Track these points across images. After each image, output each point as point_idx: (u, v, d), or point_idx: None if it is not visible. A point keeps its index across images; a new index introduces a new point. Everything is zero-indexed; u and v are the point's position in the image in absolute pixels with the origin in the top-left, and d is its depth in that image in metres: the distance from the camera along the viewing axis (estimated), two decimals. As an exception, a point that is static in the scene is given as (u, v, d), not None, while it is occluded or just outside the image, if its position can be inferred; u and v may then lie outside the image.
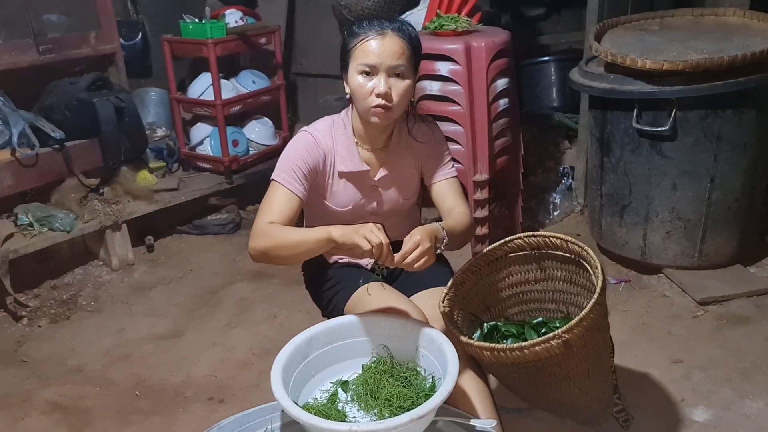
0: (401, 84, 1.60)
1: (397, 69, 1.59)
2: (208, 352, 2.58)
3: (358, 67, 1.59)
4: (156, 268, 3.29)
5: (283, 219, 1.59)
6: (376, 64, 1.58)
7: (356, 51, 1.59)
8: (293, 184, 1.63)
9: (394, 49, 1.58)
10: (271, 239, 1.55)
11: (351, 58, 1.61)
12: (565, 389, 1.67)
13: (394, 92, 1.59)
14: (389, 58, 1.58)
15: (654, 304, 2.66)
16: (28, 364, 2.57)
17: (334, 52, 4.17)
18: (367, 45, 1.58)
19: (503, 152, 2.85)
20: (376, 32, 1.58)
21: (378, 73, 1.58)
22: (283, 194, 1.62)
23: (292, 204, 1.62)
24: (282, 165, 1.66)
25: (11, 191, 3.01)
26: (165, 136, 3.82)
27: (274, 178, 1.65)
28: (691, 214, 2.65)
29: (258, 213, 1.62)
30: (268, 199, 1.63)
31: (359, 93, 1.60)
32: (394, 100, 1.60)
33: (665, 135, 2.55)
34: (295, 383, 1.46)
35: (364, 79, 1.59)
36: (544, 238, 1.73)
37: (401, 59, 1.59)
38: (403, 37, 1.60)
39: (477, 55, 2.58)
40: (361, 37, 1.59)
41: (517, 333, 1.71)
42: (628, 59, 2.44)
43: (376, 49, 1.57)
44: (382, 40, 1.57)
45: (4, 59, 2.95)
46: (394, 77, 1.59)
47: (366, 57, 1.58)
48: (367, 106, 1.61)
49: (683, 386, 2.18)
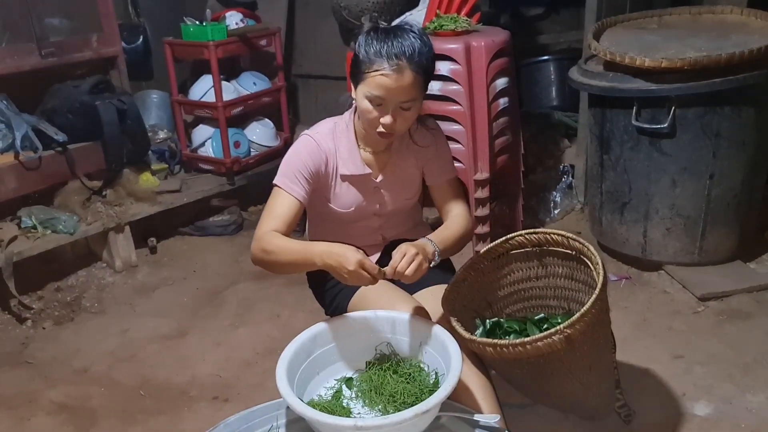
0: (409, 113, 1.61)
1: (407, 104, 1.58)
2: (213, 352, 2.60)
3: (368, 95, 1.57)
4: (159, 269, 3.31)
5: (284, 224, 1.62)
6: (387, 99, 1.56)
7: (368, 78, 1.55)
8: (294, 189, 1.65)
9: (407, 86, 1.55)
10: (267, 249, 1.58)
11: (362, 80, 1.57)
12: (568, 385, 1.69)
13: (400, 122, 1.60)
14: (401, 95, 1.56)
15: (655, 300, 2.67)
16: (33, 366, 2.59)
17: (335, 53, 4.21)
18: (380, 79, 1.53)
19: (503, 151, 2.87)
20: (391, 67, 1.52)
21: (387, 105, 1.57)
22: (285, 199, 1.65)
23: (293, 209, 1.65)
24: (284, 169, 1.68)
25: (15, 194, 3.03)
26: (167, 138, 3.83)
27: (276, 183, 1.67)
28: (690, 211, 2.67)
29: (261, 218, 1.66)
30: (270, 204, 1.66)
31: (366, 116, 1.60)
32: (399, 128, 1.62)
33: (664, 132, 2.56)
34: (299, 380, 1.47)
35: (372, 106, 1.58)
36: (545, 235, 1.74)
37: (413, 93, 1.57)
38: (418, 70, 1.55)
39: (477, 55, 2.60)
40: (375, 67, 1.53)
41: (519, 329, 1.73)
42: (627, 57, 2.45)
43: (389, 85, 1.53)
44: (397, 77, 1.53)
45: (6, 63, 2.97)
46: (402, 110, 1.59)
47: (377, 90, 1.55)
48: (371, 129, 1.63)
49: (684, 381, 2.19)
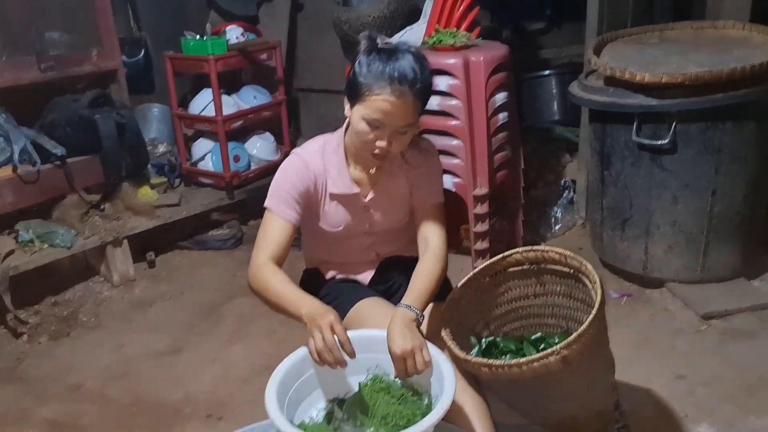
0: (405, 137, 1.59)
1: (404, 128, 1.57)
2: (208, 369, 2.57)
3: (366, 117, 1.54)
4: (157, 283, 3.29)
5: (279, 249, 1.63)
6: (386, 123, 1.54)
7: (367, 100, 1.53)
8: (286, 212, 1.64)
9: (407, 111, 1.53)
10: (263, 287, 1.60)
11: (360, 101, 1.55)
12: (565, 406, 1.66)
13: (395, 145, 1.59)
14: (400, 120, 1.54)
15: (656, 318, 2.64)
16: (26, 382, 2.56)
17: (336, 67, 4.21)
18: (381, 103, 1.51)
19: (503, 166, 2.85)
20: (392, 92, 1.50)
21: (384, 129, 1.55)
22: (277, 223, 1.64)
23: (287, 232, 1.64)
24: (273, 192, 1.67)
25: (12, 208, 3.01)
26: (166, 152, 3.82)
27: (267, 206, 1.67)
28: (692, 228, 2.64)
29: (255, 244, 1.65)
30: (263, 229, 1.65)
31: (362, 137, 1.58)
32: (393, 150, 1.60)
33: (665, 148, 2.54)
34: (290, 402, 1.45)
35: (369, 129, 1.56)
36: (542, 252, 1.72)
37: (411, 118, 1.56)
38: (418, 96, 1.54)
39: (475, 70, 2.59)
40: (376, 90, 1.51)
41: (515, 349, 1.70)
42: (627, 73, 2.43)
43: (389, 109, 1.52)
44: (398, 102, 1.51)
45: (6, 77, 2.97)
46: (399, 134, 1.58)
47: (376, 113, 1.53)
48: (365, 150, 1.61)
49: (686, 402, 2.15)
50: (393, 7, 3.52)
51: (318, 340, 1.42)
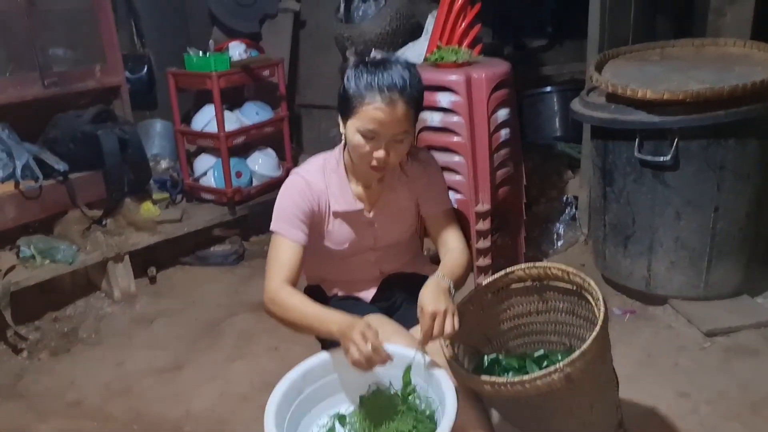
0: (401, 146, 1.59)
1: (399, 136, 1.56)
2: (208, 386, 2.55)
3: (360, 129, 1.55)
4: (158, 299, 3.28)
5: (291, 272, 1.61)
6: (380, 133, 1.54)
7: (359, 112, 1.53)
8: (293, 233, 1.63)
9: (400, 118, 1.53)
10: (284, 308, 1.57)
11: (352, 114, 1.55)
12: (568, 424, 1.64)
13: (393, 155, 1.58)
14: (394, 128, 1.54)
15: (660, 335, 2.62)
16: (26, 398, 2.54)
17: (338, 83, 4.22)
18: (373, 112, 1.52)
19: (505, 182, 2.84)
20: (383, 99, 1.50)
21: (379, 139, 1.55)
22: (286, 245, 1.63)
23: (297, 253, 1.63)
24: (279, 214, 1.66)
25: (14, 223, 3.02)
26: (169, 168, 3.83)
27: (273, 230, 1.65)
28: (695, 244, 2.63)
29: (267, 269, 1.64)
30: (274, 253, 1.64)
31: (358, 150, 1.58)
32: (392, 161, 1.60)
33: (667, 165, 2.53)
34: (291, 420, 1.44)
35: (364, 141, 1.56)
36: (544, 269, 1.71)
37: (405, 125, 1.56)
38: (410, 102, 1.54)
39: (477, 87, 2.59)
40: (366, 100, 1.52)
41: (518, 366, 1.69)
42: (629, 89, 2.44)
43: (382, 118, 1.52)
44: (389, 110, 1.51)
45: (9, 93, 2.98)
46: (395, 142, 1.58)
47: (370, 123, 1.53)
48: (364, 163, 1.61)
49: (690, 421, 2.13)
50: (395, 24, 3.54)
51: (354, 353, 1.41)
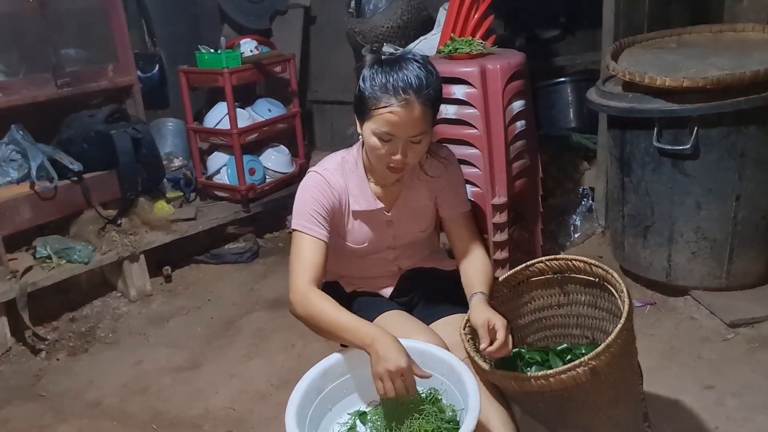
0: (419, 146, 1.57)
1: (417, 138, 1.54)
2: (226, 384, 2.55)
3: (376, 131, 1.52)
4: (174, 298, 3.28)
5: (317, 270, 1.57)
6: (397, 135, 1.52)
7: (375, 114, 1.51)
8: (315, 230, 1.60)
9: (417, 120, 1.50)
10: (312, 315, 1.53)
11: (369, 117, 1.53)
12: (593, 418, 1.61)
13: (410, 156, 1.56)
14: (411, 130, 1.51)
15: (682, 327, 2.58)
16: (45, 399, 2.55)
17: (349, 79, 4.20)
18: (389, 116, 1.49)
19: (521, 174, 2.81)
20: (399, 102, 1.48)
21: (396, 141, 1.53)
22: (310, 243, 1.59)
23: (320, 251, 1.59)
24: (299, 212, 1.62)
25: (30, 224, 3.02)
26: (182, 166, 3.83)
27: (295, 228, 1.62)
28: (717, 234, 2.59)
29: (291, 268, 1.59)
30: (297, 252, 1.60)
31: (375, 152, 1.56)
32: (410, 162, 1.58)
33: (687, 153, 2.49)
34: (312, 419, 1.42)
35: (381, 143, 1.54)
36: (566, 261, 1.68)
37: (422, 126, 1.53)
38: (426, 103, 1.51)
39: (492, 78, 2.56)
40: (383, 103, 1.49)
41: (541, 360, 1.67)
42: (647, 78, 2.40)
43: (398, 121, 1.49)
44: (406, 112, 1.48)
45: (22, 94, 2.98)
46: (412, 143, 1.55)
47: (386, 126, 1.50)
48: (382, 165, 1.58)
49: (716, 413, 2.09)
50: (406, 17, 3.51)
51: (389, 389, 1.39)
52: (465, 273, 1.67)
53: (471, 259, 1.69)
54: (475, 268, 1.66)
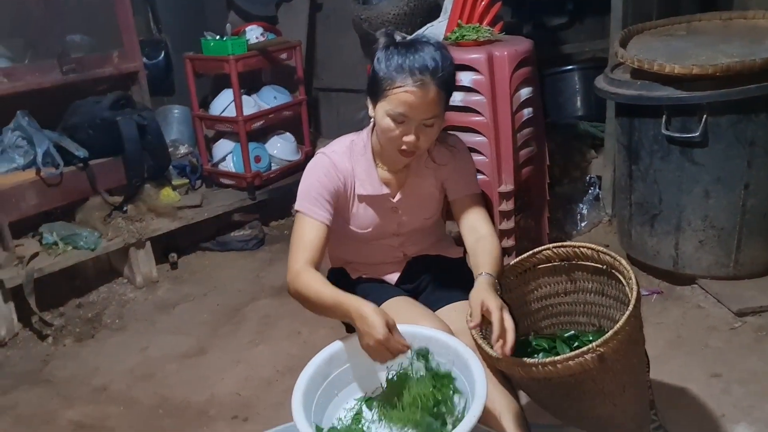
0: (431, 130, 1.56)
1: (430, 120, 1.53)
2: (232, 370, 2.56)
3: (390, 112, 1.51)
4: (180, 285, 3.29)
5: (315, 252, 1.57)
6: (410, 117, 1.51)
7: (390, 95, 1.50)
8: (318, 213, 1.60)
9: (431, 102, 1.50)
10: (302, 293, 1.53)
11: (382, 97, 1.52)
12: (600, 405, 1.61)
13: (422, 139, 1.55)
14: (425, 112, 1.51)
15: (689, 316, 2.57)
16: (52, 384, 2.56)
17: (355, 66, 4.18)
18: (404, 96, 1.48)
19: (528, 162, 2.80)
20: (414, 82, 1.47)
21: (410, 123, 1.52)
22: (310, 225, 1.59)
23: (321, 233, 1.59)
24: (303, 193, 1.63)
25: (36, 210, 3.03)
26: (188, 153, 3.83)
27: (298, 209, 1.62)
28: (725, 222, 2.57)
29: (291, 249, 1.60)
30: (297, 232, 1.60)
31: (387, 134, 1.55)
32: (421, 145, 1.57)
33: (696, 141, 2.48)
34: (318, 404, 1.42)
35: (394, 125, 1.53)
36: (573, 248, 1.67)
37: (436, 109, 1.52)
38: (441, 85, 1.50)
39: (500, 65, 2.54)
40: (398, 83, 1.48)
41: (548, 347, 1.66)
42: (656, 65, 2.38)
43: (412, 102, 1.48)
44: (421, 93, 1.48)
45: (28, 80, 2.98)
46: (425, 126, 1.54)
47: (400, 107, 1.49)
48: (392, 148, 1.57)
49: (723, 401, 2.09)
50: (413, 4, 3.48)
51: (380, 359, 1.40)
52: (473, 254, 1.65)
53: (479, 240, 1.67)
54: (483, 249, 1.63)
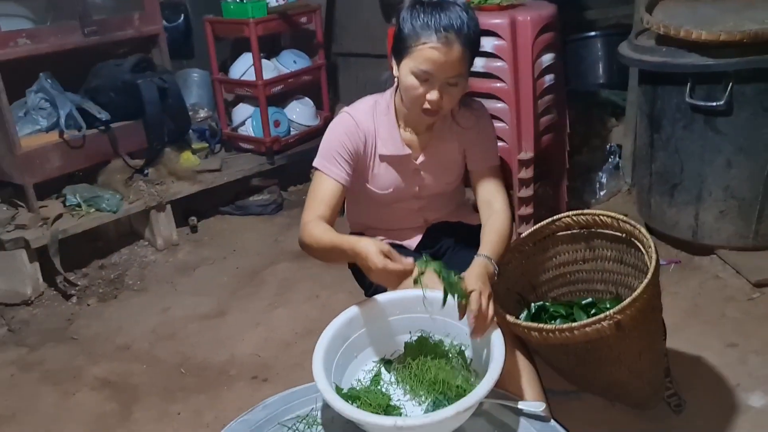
0: (455, 90, 1.56)
1: (454, 79, 1.53)
2: (252, 332, 2.60)
3: (414, 70, 1.51)
4: (200, 248, 3.33)
5: (327, 209, 1.59)
6: (435, 74, 1.51)
7: (415, 52, 1.50)
8: (335, 171, 1.61)
9: (456, 60, 1.50)
10: (306, 241, 1.57)
11: (407, 54, 1.52)
12: (615, 372, 1.63)
13: (446, 99, 1.55)
14: (449, 70, 1.50)
15: (706, 285, 2.57)
16: (78, 342, 2.63)
17: (375, 31, 4.13)
18: (428, 52, 1.48)
19: (548, 130, 2.78)
20: (439, 39, 1.47)
21: (434, 81, 1.52)
22: (326, 183, 1.61)
23: (336, 192, 1.61)
24: (323, 151, 1.64)
25: (59, 172, 3.07)
26: (207, 117, 3.84)
27: (316, 166, 1.64)
28: (746, 193, 2.55)
29: (305, 204, 1.63)
30: (312, 189, 1.63)
31: (410, 93, 1.55)
32: (445, 105, 1.56)
33: (720, 110, 2.44)
34: (337, 366, 1.44)
35: (418, 82, 1.53)
36: (593, 216, 1.68)
37: (460, 68, 1.52)
38: (466, 44, 1.50)
39: (522, 30, 2.50)
40: (422, 40, 1.48)
41: (565, 314, 1.67)
42: (683, 31, 2.33)
43: (437, 59, 1.48)
44: (446, 50, 1.48)
45: (51, 41, 2.99)
46: (449, 85, 1.54)
47: (424, 64, 1.49)
48: (416, 106, 1.57)
49: (738, 371, 2.10)
50: (435, -33, 3.42)
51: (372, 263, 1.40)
52: (483, 230, 1.65)
53: (491, 215, 1.67)
54: (491, 227, 1.63)
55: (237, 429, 1.41)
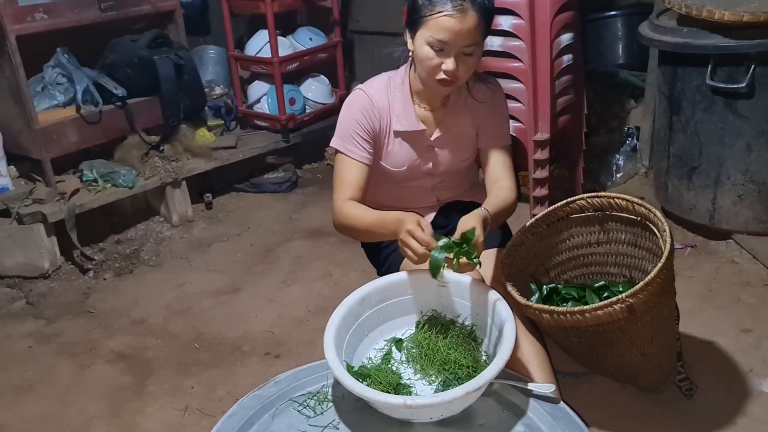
0: (471, 60, 1.55)
1: (469, 48, 1.52)
2: (265, 309, 2.62)
3: (429, 39, 1.51)
4: (214, 224, 3.35)
5: (357, 190, 1.63)
6: (450, 43, 1.50)
7: (429, 21, 1.50)
8: (357, 153, 1.64)
9: (471, 28, 1.49)
10: (346, 223, 1.62)
11: (422, 25, 1.52)
12: (627, 355, 1.63)
13: (461, 69, 1.54)
14: (464, 38, 1.50)
15: (722, 270, 2.55)
16: (94, 315, 2.66)
17: (391, 9, 4.08)
18: (443, 21, 1.48)
19: (565, 111, 2.75)
20: (455, 7, 1.47)
21: (449, 50, 1.51)
22: (351, 166, 1.64)
23: (362, 172, 1.65)
24: (340, 132, 1.66)
25: (76, 147, 3.09)
26: (223, 94, 3.84)
27: (337, 148, 1.66)
28: (766, 177, 2.51)
29: (333, 188, 1.67)
30: (338, 173, 1.66)
31: (425, 63, 1.55)
32: (460, 75, 1.56)
33: (741, 92, 2.40)
34: (348, 344, 1.45)
35: (433, 52, 1.52)
36: (608, 199, 1.67)
37: (476, 37, 1.52)
38: (481, 12, 1.50)
39: (541, 8, 2.48)
40: (438, 8, 1.48)
41: (577, 296, 1.67)
42: (705, 11, 2.29)
43: (452, 27, 1.48)
44: (460, 17, 1.47)
45: (68, 16, 2.99)
46: (464, 55, 1.53)
47: (440, 33, 1.49)
48: (431, 77, 1.57)
49: (752, 357, 2.08)
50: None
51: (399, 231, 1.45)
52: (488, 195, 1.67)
53: (496, 187, 1.68)
54: (496, 194, 1.64)
55: (249, 404, 1.43)
